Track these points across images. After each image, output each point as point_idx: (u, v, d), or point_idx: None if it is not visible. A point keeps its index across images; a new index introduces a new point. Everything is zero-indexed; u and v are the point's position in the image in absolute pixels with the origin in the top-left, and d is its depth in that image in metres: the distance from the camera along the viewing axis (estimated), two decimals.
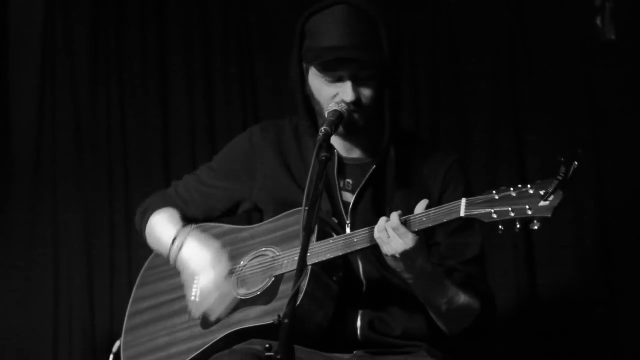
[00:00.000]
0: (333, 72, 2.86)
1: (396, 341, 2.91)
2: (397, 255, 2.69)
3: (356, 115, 2.87)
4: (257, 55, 4.43)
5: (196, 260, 3.00)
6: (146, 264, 3.23)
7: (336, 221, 2.93)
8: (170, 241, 3.05)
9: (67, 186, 4.49)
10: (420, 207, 2.71)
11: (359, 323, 2.88)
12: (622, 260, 3.97)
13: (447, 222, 2.67)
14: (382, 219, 2.72)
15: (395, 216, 2.70)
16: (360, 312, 2.89)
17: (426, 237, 2.79)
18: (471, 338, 2.93)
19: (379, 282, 2.90)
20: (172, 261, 3.05)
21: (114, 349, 3.19)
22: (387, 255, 2.73)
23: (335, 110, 2.83)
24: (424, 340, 2.93)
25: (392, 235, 2.69)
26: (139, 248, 3.24)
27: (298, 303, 2.66)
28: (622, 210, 3.98)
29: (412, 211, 2.72)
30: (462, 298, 2.84)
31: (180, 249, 3.03)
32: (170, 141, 4.48)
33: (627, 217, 3.96)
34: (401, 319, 2.92)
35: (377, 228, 2.72)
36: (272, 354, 2.28)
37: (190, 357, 2.92)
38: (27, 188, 4.50)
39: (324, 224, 2.88)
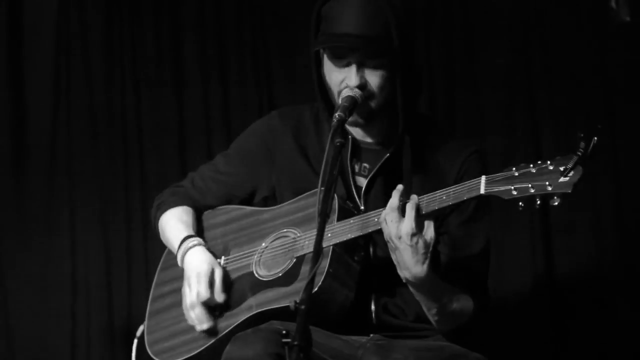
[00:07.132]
0: (341, 58, 2.89)
1: (412, 324, 2.93)
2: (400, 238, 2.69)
3: (368, 102, 2.89)
4: (271, 34, 4.43)
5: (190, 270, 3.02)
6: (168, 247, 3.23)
7: (351, 205, 2.94)
8: (178, 243, 3.06)
9: (82, 176, 4.48)
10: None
11: (372, 307, 2.90)
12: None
13: (466, 200, 2.67)
14: (395, 194, 2.71)
15: (397, 192, 2.70)
16: (373, 296, 2.90)
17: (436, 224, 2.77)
18: (458, 335, 2.91)
19: (389, 266, 2.88)
20: (179, 262, 3.06)
21: (138, 333, 3.19)
22: (391, 240, 2.71)
23: (349, 96, 2.85)
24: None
25: (397, 217, 2.68)
26: (155, 237, 3.24)
27: (320, 284, 2.71)
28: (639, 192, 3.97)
29: None
30: (454, 305, 2.85)
31: (185, 255, 3.04)
32: (186, 127, 4.47)
33: None
34: (412, 304, 2.91)
35: (387, 208, 2.71)
36: (289, 339, 2.27)
37: (213, 340, 2.94)
38: (43, 178, 4.49)
39: (343, 205, 2.90)
